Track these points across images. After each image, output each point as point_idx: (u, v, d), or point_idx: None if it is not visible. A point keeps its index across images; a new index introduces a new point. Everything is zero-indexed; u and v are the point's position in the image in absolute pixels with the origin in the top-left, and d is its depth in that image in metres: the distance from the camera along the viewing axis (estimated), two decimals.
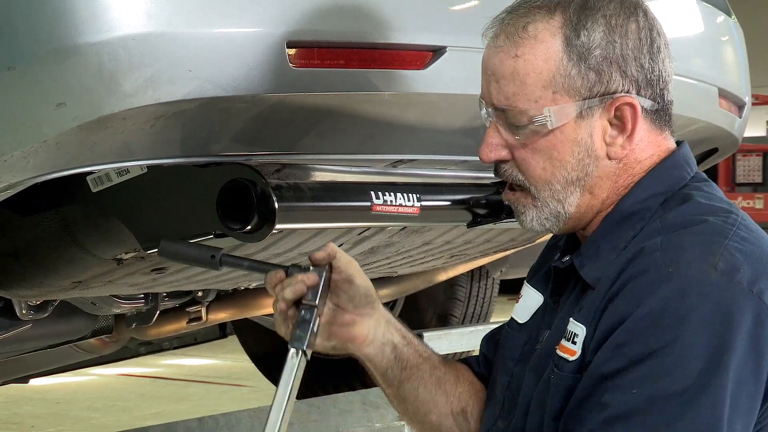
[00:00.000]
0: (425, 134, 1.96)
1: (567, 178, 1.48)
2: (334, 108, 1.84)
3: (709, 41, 2.45)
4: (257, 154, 1.86)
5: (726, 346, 1.31)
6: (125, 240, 1.94)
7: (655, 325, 1.33)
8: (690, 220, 1.44)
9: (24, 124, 1.68)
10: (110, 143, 1.74)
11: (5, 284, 2.20)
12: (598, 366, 1.36)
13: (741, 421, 1.33)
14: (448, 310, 3.25)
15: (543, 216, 1.50)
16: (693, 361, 1.31)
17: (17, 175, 1.74)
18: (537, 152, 1.47)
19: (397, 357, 1.67)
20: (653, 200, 1.49)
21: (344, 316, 1.61)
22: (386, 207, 1.97)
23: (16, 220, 2.02)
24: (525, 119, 1.45)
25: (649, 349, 1.33)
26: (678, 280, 1.35)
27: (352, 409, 3.04)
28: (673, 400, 1.30)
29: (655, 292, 1.35)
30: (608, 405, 1.33)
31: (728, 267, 1.35)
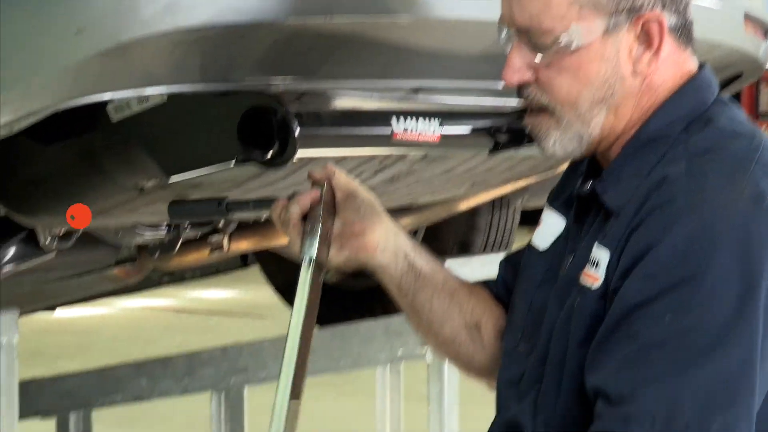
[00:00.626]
0: (445, 60, 1.95)
1: (593, 97, 1.45)
2: (353, 33, 1.82)
3: None
4: (277, 81, 1.84)
5: (756, 274, 1.31)
6: (147, 168, 1.94)
7: (685, 254, 1.32)
8: (714, 145, 1.42)
9: (43, 50, 1.69)
10: (130, 70, 1.74)
11: (28, 213, 2.23)
12: (627, 296, 1.35)
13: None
14: (469, 239, 3.26)
15: (566, 138, 1.47)
16: (725, 290, 1.30)
17: (37, 102, 1.75)
18: (562, 72, 1.44)
19: (410, 265, 1.67)
20: (676, 124, 1.47)
21: (353, 227, 1.62)
22: (407, 134, 1.97)
23: (38, 148, 2.02)
24: (550, 38, 1.42)
25: (680, 279, 1.32)
26: (705, 210, 1.34)
27: (375, 336, 3.05)
28: (712, 326, 1.30)
29: (682, 222, 1.33)
30: (639, 334, 1.33)
31: (754, 193, 1.34)
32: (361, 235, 1.63)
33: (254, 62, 1.80)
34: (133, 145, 1.92)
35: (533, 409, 1.50)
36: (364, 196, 1.65)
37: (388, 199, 2.52)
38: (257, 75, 1.82)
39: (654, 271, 1.34)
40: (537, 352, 1.52)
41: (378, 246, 1.64)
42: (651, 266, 1.34)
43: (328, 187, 1.61)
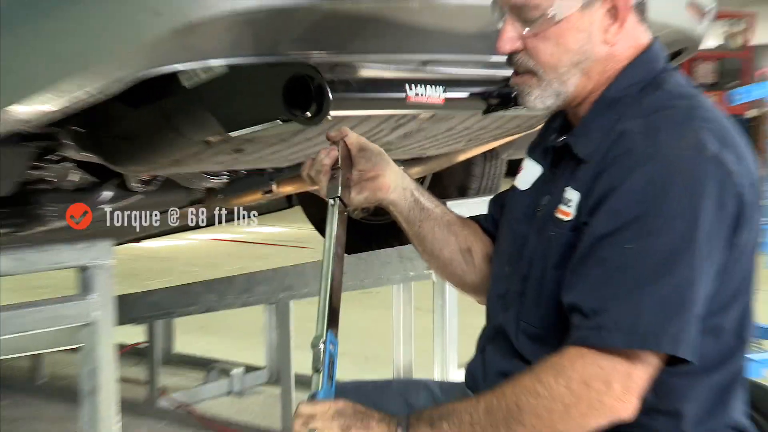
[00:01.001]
0: (448, 38, 1.92)
1: (570, 61, 1.44)
2: (374, 15, 1.79)
3: None
4: (314, 54, 1.82)
5: (698, 209, 1.29)
6: (212, 126, 1.92)
7: (642, 195, 1.30)
8: (663, 104, 1.40)
9: (128, 28, 1.66)
10: (197, 45, 1.72)
11: (120, 162, 2.20)
12: (596, 229, 1.33)
13: (711, 262, 1.31)
14: (466, 184, 3.26)
15: (546, 94, 1.46)
16: (674, 223, 1.29)
17: (124, 71, 1.73)
18: (546, 40, 1.42)
19: (415, 200, 1.67)
20: (633, 88, 1.45)
21: (368, 173, 1.63)
22: (418, 98, 1.95)
23: (128, 110, 1.99)
24: (538, 12, 1.41)
25: (638, 214, 1.30)
26: (657, 157, 1.31)
27: (391, 261, 3.05)
28: (665, 250, 1.28)
29: (639, 167, 1.31)
30: (606, 259, 1.31)
31: (696, 143, 1.32)
32: (375, 178, 1.64)
33: (296, 38, 1.78)
34: (201, 107, 1.89)
35: (516, 317, 1.49)
36: (373, 148, 1.65)
37: (403, 152, 2.51)
38: (298, 49, 1.80)
39: (617, 208, 1.32)
40: (519, 272, 1.50)
41: (390, 186, 1.65)
42: (614, 204, 1.32)
43: (343, 144, 1.61)
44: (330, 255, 1.52)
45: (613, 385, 1.28)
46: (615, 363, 1.28)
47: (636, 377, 1.29)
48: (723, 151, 1.33)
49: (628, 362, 1.28)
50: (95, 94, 1.77)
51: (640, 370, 1.29)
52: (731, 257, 1.35)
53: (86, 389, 2.18)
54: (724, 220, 1.33)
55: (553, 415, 1.29)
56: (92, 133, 2.13)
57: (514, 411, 1.30)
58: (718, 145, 1.33)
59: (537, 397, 1.30)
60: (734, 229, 1.34)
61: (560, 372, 1.29)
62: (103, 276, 2.17)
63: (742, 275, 1.39)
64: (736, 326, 1.41)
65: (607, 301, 1.29)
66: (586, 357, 1.29)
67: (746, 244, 1.38)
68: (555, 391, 1.29)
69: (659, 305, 1.28)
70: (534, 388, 1.30)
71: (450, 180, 3.25)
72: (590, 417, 1.29)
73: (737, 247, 1.36)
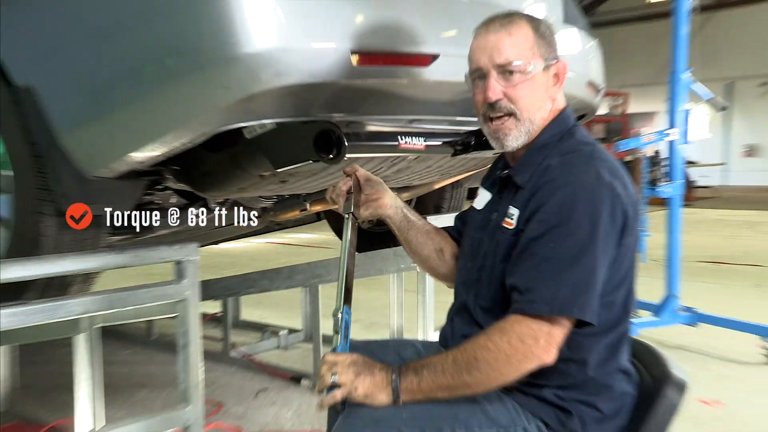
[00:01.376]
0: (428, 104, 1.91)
1: (537, 106, 1.44)
2: (377, 88, 1.78)
3: (583, 53, 2.39)
4: (335, 115, 1.81)
5: (598, 218, 1.30)
6: (265, 165, 1.90)
7: (560, 208, 1.30)
8: (574, 148, 1.40)
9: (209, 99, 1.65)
10: (255, 109, 1.69)
11: (203, 189, 2.17)
12: (529, 233, 1.33)
13: (605, 259, 1.32)
14: (440, 204, 3.24)
15: (520, 133, 1.44)
16: (582, 228, 1.29)
17: (206, 128, 1.72)
18: (523, 90, 1.41)
19: (404, 215, 1.67)
20: (555, 137, 1.44)
21: (372, 196, 1.64)
22: (407, 145, 1.94)
23: (209, 154, 1.97)
24: (519, 68, 1.40)
25: (558, 222, 1.30)
26: (571, 184, 1.32)
27: (388, 258, 3.02)
28: (575, 247, 1.29)
29: (559, 191, 1.32)
30: (537, 253, 1.31)
31: (596, 174, 1.32)
32: (377, 200, 1.64)
33: (322, 104, 1.76)
34: (258, 151, 1.87)
35: (474, 297, 1.48)
36: (375, 179, 1.65)
37: (396, 182, 2.49)
38: (324, 112, 1.78)
39: (543, 218, 1.32)
40: (476, 265, 1.49)
41: (387, 205, 1.65)
42: (541, 216, 1.32)
43: (355, 176, 1.63)
44: (346, 253, 1.52)
45: (539, 340, 1.28)
46: (541, 325, 1.28)
47: (555, 335, 1.29)
48: (613, 180, 1.33)
49: (550, 324, 1.28)
50: (187, 143, 1.77)
51: (558, 330, 1.29)
52: (620, 254, 1.35)
53: (181, 343, 2.17)
54: (615, 227, 1.32)
55: (498, 363, 1.29)
56: (185, 170, 2.10)
57: (472, 361, 1.30)
58: (610, 176, 1.33)
59: (488, 351, 1.29)
60: (621, 234, 1.34)
61: (503, 332, 1.29)
62: (191, 267, 2.15)
63: (626, 267, 1.38)
64: (624, 302, 1.40)
65: (536, 282, 1.29)
66: (521, 322, 1.29)
67: (629, 245, 1.37)
68: (500, 346, 1.28)
69: (571, 285, 1.28)
70: (485, 344, 1.30)
71: (429, 201, 3.23)
72: (524, 363, 1.29)
73: (623, 246, 1.35)
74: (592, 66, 2.39)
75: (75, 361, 2.42)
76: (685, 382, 1.44)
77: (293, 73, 1.60)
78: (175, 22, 1.66)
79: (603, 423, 1.40)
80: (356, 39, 1.68)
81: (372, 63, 1.70)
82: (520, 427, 1.38)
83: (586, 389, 1.39)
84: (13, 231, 2.04)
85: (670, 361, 1.49)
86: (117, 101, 1.77)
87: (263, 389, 3.33)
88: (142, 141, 1.76)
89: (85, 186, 1.89)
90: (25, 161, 1.96)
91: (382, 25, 1.74)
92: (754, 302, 5.16)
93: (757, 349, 3.75)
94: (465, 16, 1.61)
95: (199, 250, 2.18)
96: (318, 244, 8.01)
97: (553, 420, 1.38)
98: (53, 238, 2.00)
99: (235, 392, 3.31)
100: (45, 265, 1.88)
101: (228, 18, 1.57)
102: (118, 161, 1.82)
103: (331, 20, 1.68)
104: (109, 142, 1.82)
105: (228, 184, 2.07)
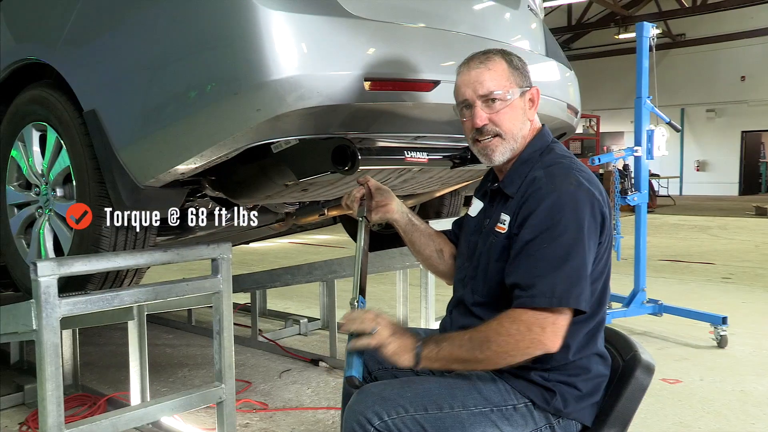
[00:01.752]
0: (431, 123, 1.89)
1: (518, 127, 1.44)
2: (386, 110, 1.77)
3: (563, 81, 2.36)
4: (350, 132, 1.80)
5: (582, 219, 1.30)
6: (289, 175, 1.88)
7: (549, 213, 1.30)
8: (555, 161, 1.40)
9: (242, 119, 1.63)
10: (282, 128, 1.68)
11: (236, 197, 2.14)
12: (523, 237, 1.32)
13: (591, 254, 1.32)
14: (440, 210, 3.19)
15: (506, 150, 1.44)
16: (568, 230, 1.29)
17: (238, 144, 1.70)
18: (505, 114, 1.42)
19: (409, 220, 1.65)
20: (537, 152, 1.44)
21: (381, 203, 1.62)
22: (412, 159, 1.92)
23: (241, 166, 1.95)
24: (500, 97, 1.41)
25: (548, 226, 1.29)
26: (556, 192, 1.31)
27: (395, 256, 2.98)
28: (565, 246, 1.28)
29: (546, 198, 1.31)
30: (533, 254, 1.30)
31: (577, 183, 1.32)
32: (386, 206, 1.63)
33: (339, 123, 1.74)
34: (283, 164, 1.85)
35: (471, 292, 1.46)
36: (384, 188, 1.65)
37: (403, 191, 2.47)
38: (340, 130, 1.76)
39: (534, 224, 1.31)
40: (472, 265, 1.47)
41: (394, 210, 1.64)
42: (533, 222, 1.32)
43: (367, 185, 1.62)
44: (360, 251, 1.52)
45: (546, 329, 1.27)
46: (546, 316, 1.27)
47: (559, 324, 1.28)
48: (591, 187, 1.33)
49: (554, 315, 1.27)
50: (222, 157, 1.75)
51: (561, 319, 1.28)
52: (598, 252, 1.34)
53: (216, 329, 2.15)
54: (596, 227, 1.32)
55: (508, 346, 1.28)
56: (220, 180, 2.09)
57: (484, 341, 1.29)
58: (587, 184, 1.33)
59: (499, 335, 1.28)
60: (601, 231, 1.33)
61: (513, 321, 1.28)
62: (225, 264, 2.14)
63: (603, 263, 1.38)
64: (600, 294, 1.38)
65: (535, 279, 1.28)
66: (528, 313, 1.27)
67: (605, 244, 1.37)
68: (510, 332, 1.27)
69: (566, 279, 1.27)
70: (498, 329, 1.28)
71: (430, 207, 3.20)
72: (531, 349, 1.28)
73: (601, 245, 1.35)
74: (570, 92, 2.38)
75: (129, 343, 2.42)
76: (653, 365, 1.43)
77: (314, 96, 1.59)
78: (213, 55, 1.65)
79: (581, 401, 1.39)
80: (368, 67, 1.67)
81: (382, 88, 1.69)
82: (510, 405, 1.37)
83: (567, 371, 1.38)
84: (76, 232, 2.03)
85: (639, 347, 1.47)
86: (165, 122, 1.76)
87: (286, 370, 3.31)
88: (185, 155, 1.74)
89: (137, 194, 1.89)
90: (88, 173, 1.96)
91: (391, 55, 1.74)
92: (707, 294, 5.13)
93: (710, 335, 3.73)
94: (462, 48, 1.59)
95: (231, 249, 2.17)
96: (334, 244, 7.99)
97: (539, 398, 1.37)
98: (110, 239, 2.00)
99: (262, 372, 3.29)
100: (103, 261, 1.87)
101: (259, 50, 1.57)
102: (165, 173, 1.81)
103: (347, 51, 1.68)
104: (157, 157, 1.81)
105: (257, 191, 2.06)
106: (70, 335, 2.79)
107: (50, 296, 1.73)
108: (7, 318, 1.94)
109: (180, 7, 1.72)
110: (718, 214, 12.78)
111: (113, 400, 2.77)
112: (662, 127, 4.09)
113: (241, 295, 4.08)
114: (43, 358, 1.73)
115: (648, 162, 4.04)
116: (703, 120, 19.28)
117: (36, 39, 2.17)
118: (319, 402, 2.85)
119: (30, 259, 2.18)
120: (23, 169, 2.23)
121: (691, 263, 6.75)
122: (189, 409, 2.16)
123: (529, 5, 2.37)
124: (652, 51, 4.03)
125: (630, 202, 4.00)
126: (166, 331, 4.13)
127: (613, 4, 15.80)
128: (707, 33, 18.40)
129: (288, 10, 1.60)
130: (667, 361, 3.41)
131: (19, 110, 2.21)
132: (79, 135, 1.96)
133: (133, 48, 1.83)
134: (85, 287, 2.10)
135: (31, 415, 2.65)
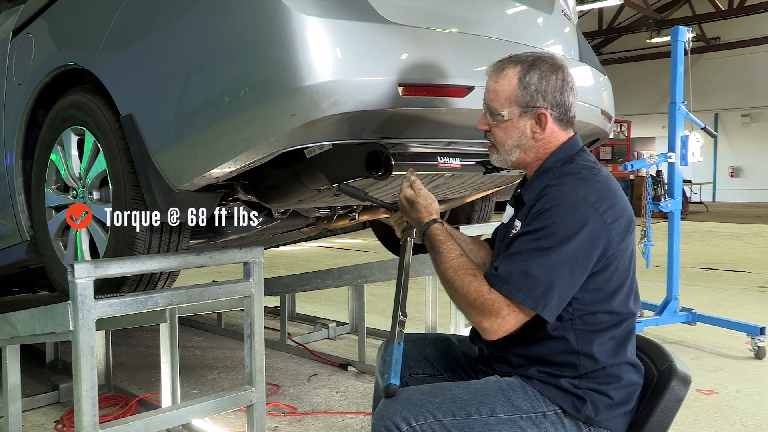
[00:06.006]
0: (464, 129, 1.87)
1: (511, 144, 1.46)
2: (420, 116, 1.76)
3: (596, 87, 2.32)
4: (383, 138, 1.79)
5: (574, 231, 1.31)
6: (322, 180, 1.88)
7: (543, 218, 1.33)
8: (572, 171, 1.40)
9: (276, 125, 1.64)
10: (315, 133, 1.68)
11: (268, 201, 2.15)
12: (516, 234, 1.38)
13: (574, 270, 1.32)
14: (471, 216, 3.17)
15: (500, 160, 1.50)
16: (560, 233, 1.30)
17: (272, 148, 1.70)
18: (500, 130, 1.46)
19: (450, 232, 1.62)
20: (558, 162, 1.44)
21: None
22: (445, 164, 1.93)
23: (273, 171, 1.96)
24: (496, 113, 1.45)
25: (537, 227, 1.33)
26: (559, 200, 1.33)
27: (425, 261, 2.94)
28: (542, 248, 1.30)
29: (547, 206, 1.34)
30: (513, 247, 1.35)
31: (585, 195, 1.33)
32: None
33: (372, 129, 1.74)
34: (316, 169, 1.85)
35: None
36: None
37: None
38: (374, 135, 1.76)
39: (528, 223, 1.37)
40: None
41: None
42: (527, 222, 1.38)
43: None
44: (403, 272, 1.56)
45: (501, 311, 1.31)
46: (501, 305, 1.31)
47: (508, 319, 1.31)
48: (599, 200, 1.33)
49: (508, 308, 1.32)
50: (256, 161, 1.76)
51: (512, 315, 1.31)
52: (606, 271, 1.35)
53: (247, 333, 2.16)
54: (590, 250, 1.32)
55: (468, 304, 1.35)
56: (253, 184, 2.10)
57: (458, 284, 1.37)
58: (597, 197, 1.33)
59: (467, 291, 1.35)
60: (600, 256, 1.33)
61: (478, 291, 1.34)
62: (256, 268, 2.15)
63: (620, 278, 1.37)
64: (624, 305, 1.39)
65: (503, 265, 1.33)
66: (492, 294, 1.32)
67: (620, 259, 1.36)
68: (479, 294, 1.33)
69: (523, 274, 1.30)
70: (470, 283, 1.35)
71: (462, 212, 3.18)
72: (483, 316, 1.33)
73: (610, 264, 1.35)
74: (604, 97, 2.35)
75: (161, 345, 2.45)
76: (689, 377, 1.40)
77: (348, 102, 1.59)
78: (248, 61, 1.66)
79: (613, 409, 1.37)
80: (402, 73, 1.67)
81: (415, 94, 1.69)
82: (539, 413, 1.36)
83: (598, 379, 1.37)
84: (112, 235, 2.07)
85: (675, 357, 1.45)
86: (200, 127, 1.78)
87: (315, 374, 3.32)
88: (219, 160, 1.75)
89: (172, 197, 1.91)
90: (124, 177, 1.99)
91: (425, 61, 1.73)
92: (742, 303, 5.01)
93: (746, 346, 3.64)
94: (496, 53, 1.56)
95: (263, 253, 2.18)
96: (363, 249, 8.00)
97: (569, 406, 1.36)
98: (144, 242, 2.03)
99: (291, 376, 3.30)
100: (138, 264, 1.90)
101: (294, 55, 1.58)
102: (200, 176, 1.82)
103: (381, 57, 1.68)
104: (192, 161, 1.82)
105: (290, 196, 2.07)
106: (102, 336, 2.84)
107: (87, 298, 1.76)
108: (44, 318, 1.99)
109: (215, 13, 1.74)
110: (753, 221, 12.49)
111: (145, 401, 2.81)
112: (697, 132, 4.02)
113: (270, 298, 4.10)
114: (78, 358, 1.76)
115: (681, 168, 3.98)
116: (738, 125, 18.93)
117: (76, 45, 2.22)
118: (347, 407, 2.85)
119: (66, 261, 2.23)
120: (61, 173, 2.28)
121: (725, 271, 6.60)
122: (220, 411, 2.18)
123: (562, 10, 2.35)
124: (687, 55, 3.97)
125: (663, 208, 3.93)
126: (196, 334, 4.18)
127: (646, 8, 15.58)
128: (742, 36, 18.07)
129: (323, 15, 1.61)
130: (701, 371, 3.34)
131: (59, 115, 2.26)
132: (116, 139, 1.99)
133: (169, 53, 1.85)
134: (119, 289, 2.14)
135: (65, 413, 2.70)
